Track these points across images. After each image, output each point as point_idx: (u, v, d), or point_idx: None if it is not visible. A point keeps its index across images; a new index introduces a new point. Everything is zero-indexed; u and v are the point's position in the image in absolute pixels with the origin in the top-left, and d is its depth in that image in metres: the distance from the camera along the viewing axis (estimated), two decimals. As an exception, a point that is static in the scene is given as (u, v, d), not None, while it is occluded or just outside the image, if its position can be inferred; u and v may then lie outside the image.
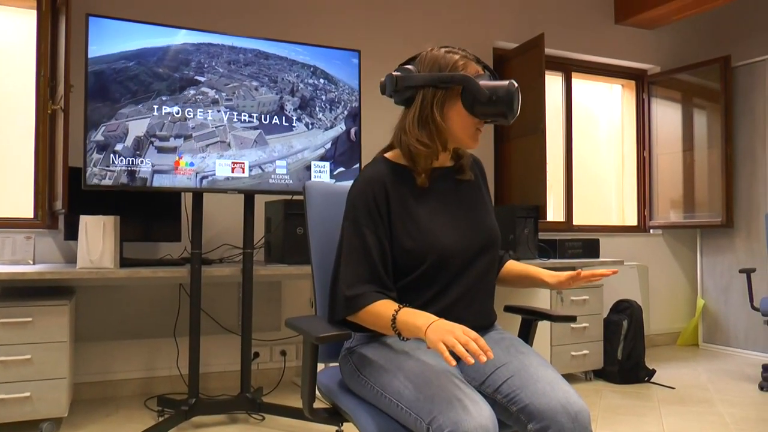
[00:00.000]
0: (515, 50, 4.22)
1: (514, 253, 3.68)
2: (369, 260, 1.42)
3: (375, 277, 1.42)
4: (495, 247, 1.57)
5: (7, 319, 2.55)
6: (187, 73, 2.68)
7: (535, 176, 3.98)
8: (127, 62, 2.43)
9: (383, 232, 1.45)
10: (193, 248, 2.79)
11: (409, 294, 1.47)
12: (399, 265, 1.48)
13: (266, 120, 2.85)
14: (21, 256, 2.97)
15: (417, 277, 1.46)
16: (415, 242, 1.45)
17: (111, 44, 2.53)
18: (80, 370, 3.21)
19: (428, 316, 1.29)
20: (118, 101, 2.49)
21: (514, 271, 1.68)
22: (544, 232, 4.37)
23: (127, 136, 2.55)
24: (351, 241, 1.44)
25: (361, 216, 1.45)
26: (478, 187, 1.64)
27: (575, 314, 3.54)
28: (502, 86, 1.43)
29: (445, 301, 1.47)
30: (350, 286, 1.41)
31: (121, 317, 3.30)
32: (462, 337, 1.18)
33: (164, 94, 2.60)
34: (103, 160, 2.53)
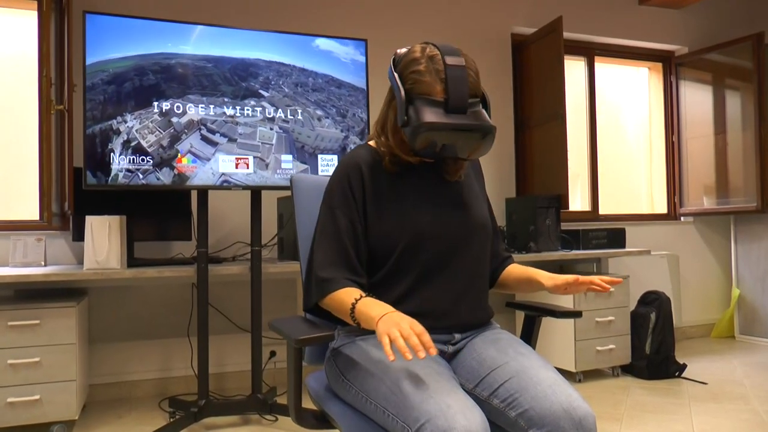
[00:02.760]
0: (533, 35, 4.07)
1: (535, 245, 3.55)
2: (341, 244, 1.38)
3: (345, 261, 1.37)
4: (483, 238, 1.47)
5: (15, 321, 2.54)
6: (253, 85, 2.74)
7: (556, 165, 3.83)
8: (206, 63, 2.64)
9: (357, 216, 1.40)
10: (199, 247, 2.74)
11: (386, 285, 1.40)
12: (376, 252, 1.41)
13: (315, 155, 2.83)
14: (32, 258, 2.96)
15: (393, 264, 1.39)
16: (389, 225, 1.38)
17: (191, 44, 2.65)
18: (95, 371, 3.20)
19: (385, 307, 1.23)
20: (190, 89, 2.62)
21: (514, 274, 1.57)
22: (568, 222, 4.22)
23: (180, 119, 2.61)
24: (324, 225, 1.41)
25: (335, 200, 1.42)
26: (470, 180, 1.55)
27: (600, 307, 3.47)
28: (416, 121, 1.29)
29: (425, 294, 1.38)
30: (320, 268, 1.37)
31: (135, 318, 3.28)
32: (405, 330, 1.11)
33: (228, 96, 2.70)
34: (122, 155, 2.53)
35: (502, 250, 1.63)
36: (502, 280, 1.60)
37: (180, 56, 2.62)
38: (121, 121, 2.47)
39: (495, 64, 4.16)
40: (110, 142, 2.49)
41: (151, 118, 2.54)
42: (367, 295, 1.30)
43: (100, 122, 2.44)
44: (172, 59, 2.58)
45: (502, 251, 1.63)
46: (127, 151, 2.53)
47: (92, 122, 2.44)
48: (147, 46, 2.55)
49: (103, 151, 2.48)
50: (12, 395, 2.53)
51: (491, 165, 4.11)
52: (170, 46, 2.59)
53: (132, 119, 2.50)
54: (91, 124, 2.46)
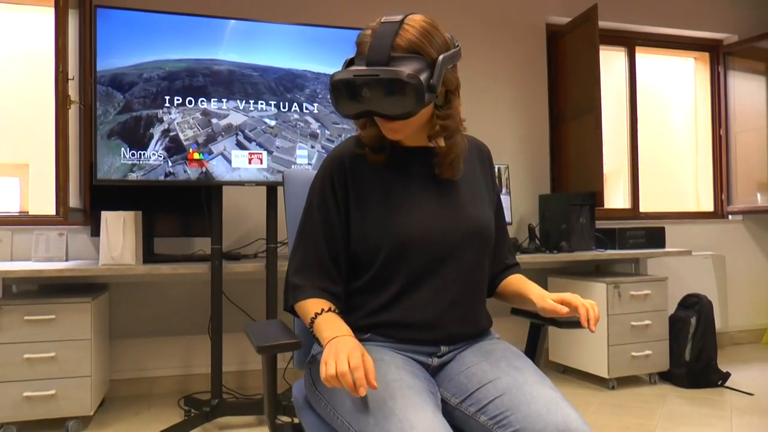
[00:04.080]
0: (568, 25, 3.89)
1: (567, 245, 3.38)
2: (317, 247, 1.29)
3: (320, 266, 1.28)
4: (481, 243, 1.33)
5: (31, 316, 2.55)
6: (299, 97, 2.74)
7: (591, 160, 3.65)
8: (252, 71, 2.69)
9: (336, 215, 1.30)
10: (213, 244, 2.70)
11: (368, 293, 1.29)
12: (358, 256, 1.30)
13: None
14: (54, 253, 2.97)
15: (376, 271, 1.27)
16: (372, 228, 1.27)
17: (238, 50, 2.70)
18: (115, 366, 3.20)
19: (336, 329, 1.14)
20: (234, 94, 2.68)
21: (512, 286, 1.43)
22: (607, 220, 4.03)
23: (220, 121, 2.66)
24: (303, 225, 1.32)
25: (315, 198, 1.32)
26: (473, 176, 1.40)
27: (635, 311, 3.28)
28: (332, 77, 1.19)
29: (410, 303, 1.26)
30: (294, 273, 1.29)
31: (156, 314, 3.27)
32: (341, 366, 1.02)
33: (271, 105, 2.73)
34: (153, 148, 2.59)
35: (506, 256, 1.49)
36: (501, 290, 1.46)
37: (228, 63, 2.68)
38: (166, 112, 2.59)
39: (529, 56, 4.00)
40: (152, 127, 2.59)
41: (193, 115, 2.63)
42: (329, 310, 1.21)
43: (149, 109, 2.57)
44: (222, 65, 2.67)
45: (505, 258, 1.48)
46: (164, 139, 2.60)
47: (142, 107, 2.56)
48: (198, 51, 2.63)
49: (144, 133, 2.58)
50: (28, 389, 2.54)
51: (524, 160, 3.95)
52: (221, 53, 2.67)
53: (176, 112, 2.60)
54: (140, 109, 2.56)
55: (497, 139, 3.90)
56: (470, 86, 3.85)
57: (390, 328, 1.27)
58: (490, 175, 1.46)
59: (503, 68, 3.94)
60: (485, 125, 3.88)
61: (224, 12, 3.31)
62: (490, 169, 1.47)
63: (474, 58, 3.87)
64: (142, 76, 2.54)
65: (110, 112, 2.52)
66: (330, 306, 1.23)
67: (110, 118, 2.52)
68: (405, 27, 1.20)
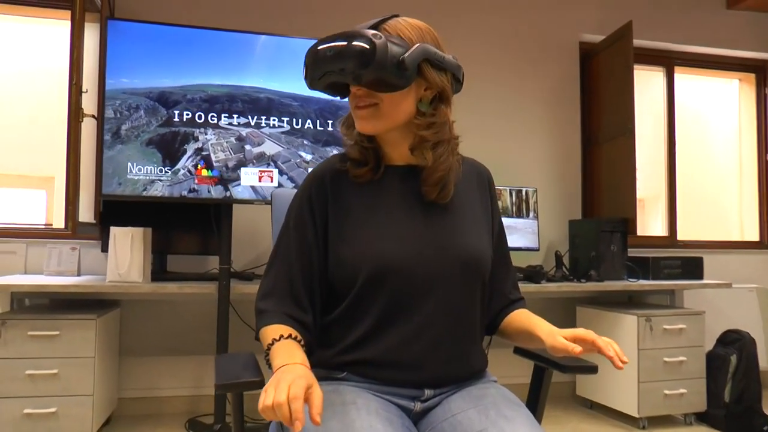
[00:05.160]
0: (602, 43, 3.73)
1: (596, 273, 3.19)
2: (289, 271, 1.18)
3: (290, 291, 1.17)
4: (473, 275, 1.19)
5: (35, 331, 2.50)
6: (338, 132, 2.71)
7: (623, 185, 3.47)
8: (293, 101, 2.72)
9: (314, 237, 1.19)
10: (222, 263, 2.62)
11: (344, 325, 1.17)
12: (335, 284, 1.18)
13: None
14: (66, 267, 2.94)
15: (351, 302, 1.15)
16: (349, 252, 1.15)
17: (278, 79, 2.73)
18: (124, 384, 3.14)
19: (291, 356, 1.01)
20: (271, 123, 2.70)
21: (516, 322, 1.28)
22: (641, 248, 3.82)
23: (253, 149, 2.68)
24: (277, 247, 1.22)
25: (292, 218, 1.22)
26: (468, 200, 1.27)
27: (668, 346, 3.07)
28: None
29: (389, 340, 1.13)
30: (261, 297, 1.19)
31: (167, 332, 3.20)
32: (277, 397, 0.88)
33: (308, 138, 2.74)
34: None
35: (510, 290, 1.34)
36: (504, 327, 1.31)
37: (269, 91, 2.70)
38: (202, 132, 2.64)
39: (561, 75, 3.85)
40: (186, 144, 2.62)
41: (228, 139, 2.65)
42: (288, 337, 1.09)
43: (187, 126, 2.62)
44: (262, 93, 2.69)
45: (509, 292, 1.34)
46: (196, 157, 2.62)
47: (181, 124, 2.62)
48: (238, 77, 2.68)
49: (179, 148, 2.62)
50: (29, 406, 2.49)
51: (554, 183, 3.79)
52: (261, 81, 2.68)
53: (212, 134, 2.64)
54: (179, 125, 2.61)
55: (526, 161, 3.75)
56: (499, 106, 3.72)
57: (367, 367, 1.14)
58: (490, 200, 1.33)
59: (534, 87, 3.80)
60: (513, 146, 3.74)
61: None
62: (491, 193, 1.34)
63: (503, 78, 3.75)
64: (186, 96, 2.63)
65: (152, 123, 2.58)
66: (291, 333, 1.11)
67: (152, 128, 2.58)
68: (397, 18, 1.17)
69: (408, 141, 1.21)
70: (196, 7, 3.30)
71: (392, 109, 1.15)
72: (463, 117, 3.94)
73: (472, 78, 3.69)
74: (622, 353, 1.05)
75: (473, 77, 3.68)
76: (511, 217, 3.43)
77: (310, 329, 1.17)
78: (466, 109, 3.64)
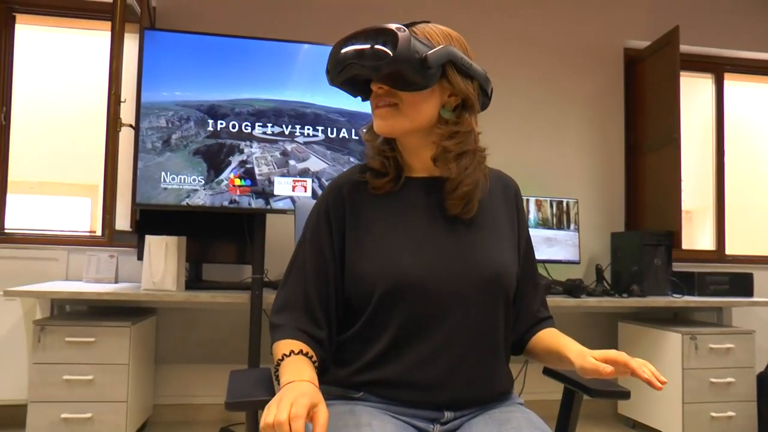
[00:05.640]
0: (647, 49, 3.62)
1: (638, 288, 3.08)
2: (303, 283, 1.15)
3: (305, 306, 1.14)
4: (496, 293, 1.14)
5: (72, 338, 2.55)
6: None
7: (668, 197, 3.34)
8: (339, 116, 2.73)
9: (330, 251, 1.16)
10: (254, 273, 2.62)
11: (360, 343, 1.13)
12: (352, 300, 1.14)
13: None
14: (104, 274, 3.00)
15: (368, 319, 1.11)
16: (367, 267, 1.11)
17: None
18: (160, 391, 3.17)
19: (299, 372, 0.98)
20: (318, 138, 2.72)
21: (545, 342, 1.22)
22: (688, 262, 3.67)
23: (298, 165, 2.70)
24: (293, 260, 1.20)
25: (309, 231, 1.19)
26: (494, 214, 1.22)
27: (715, 366, 2.93)
28: None
29: (408, 359, 1.09)
30: (276, 312, 1.17)
31: (202, 340, 3.23)
32: (279, 415, 0.85)
33: (355, 155, 2.75)
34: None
35: (538, 309, 1.28)
36: (532, 347, 1.25)
37: (315, 106, 2.71)
38: (248, 145, 2.67)
39: (604, 82, 3.75)
40: (232, 156, 2.65)
41: (273, 153, 2.67)
42: (299, 352, 1.06)
43: (234, 139, 2.65)
44: (308, 108, 2.71)
45: (537, 311, 1.27)
46: (240, 169, 2.65)
47: (227, 137, 2.66)
48: (285, 91, 2.69)
49: (224, 159, 2.65)
50: (66, 411, 2.53)
51: (596, 194, 3.68)
52: (308, 96, 2.71)
53: (257, 147, 2.67)
54: (225, 138, 2.65)
55: (567, 171, 3.66)
56: (539, 114, 3.64)
57: (384, 387, 1.11)
58: (517, 214, 1.27)
59: (576, 95, 3.71)
60: (554, 156, 3.65)
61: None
62: (517, 207, 1.28)
63: (544, 85, 3.67)
64: (234, 110, 2.67)
65: (201, 134, 2.63)
66: (302, 348, 1.08)
67: (200, 139, 2.63)
68: (428, 24, 1.16)
69: (430, 150, 1.17)
70: (236, 17, 3.33)
71: (412, 110, 1.12)
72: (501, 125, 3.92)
73: (513, 85, 3.64)
74: (658, 373, 0.98)
75: (513, 84, 3.62)
76: (552, 228, 3.34)
77: (325, 345, 1.14)
78: (505, 116, 3.57)
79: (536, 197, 3.34)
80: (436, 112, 1.14)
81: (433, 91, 1.12)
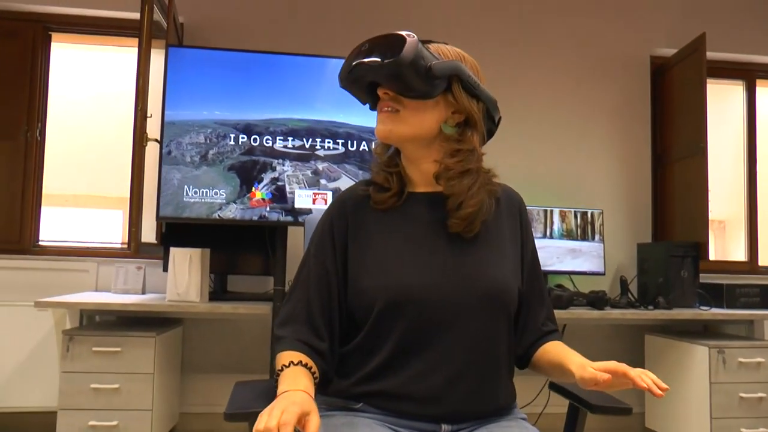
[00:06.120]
0: (674, 57, 3.57)
1: (664, 300, 3.02)
2: (306, 296, 1.18)
3: (308, 318, 1.16)
4: (496, 308, 1.15)
5: (99, 347, 2.62)
6: None
7: (695, 207, 3.28)
8: (372, 136, 2.77)
9: (333, 264, 1.18)
10: (276, 284, 2.66)
11: (361, 356, 1.15)
12: (354, 313, 1.17)
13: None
14: (131, 285, 3.08)
15: (368, 331, 1.14)
16: (368, 281, 1.14)
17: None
18: (186, 400, 3.23)
19: (295, 382, 1.00)
20: (349, 159, 2.80)
21: (549, 355, 1.21)
22: (718, 274, 3.59)
23: (329, 184, 2.78)
24: (298, 274, 1.22)
25: (313, 245, 1.22)
26: (497, 229, 1.23)
27: (744, 380, 2.85)
28: None
29: (407, 371, 1.11)
30: (279, 325, 1.19)
31: (227, 351, 3.28)
32: (268, 423, 0.87)
33: None
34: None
35: (543, 322, 1.27)
36: (536, 360, 1.25)
37: (348, 126, 2.77)
38: (280, 163, 2.77)
39: (631, 91, 3.70)
40: (264, 173, 2.75)
41: (304, 172, 2.76)
42: (298, 363, 1.08)
43: (267, 156, 2.76)
44: (341, 128, 2.78)
45: (542, 324, 1.27)
46: (271, 186, 2.74)
47: (261, 154, 2.76)
48: (319, 111, 2.78)
49: (256, 176, 2.76)
50: (93, 419, 2.60)
51: (622, 205, 3.63)
52: (341, 116, 2.77)
53: (289, 165, 2.77)
54: (259, 155, 2.76)
55: (592, 182, 3.62)
56: (564, 123, 3.62)
57: (383, 399, 1.13)
58: (520, 228, 1.27)
59: (602, 104, 3.67)
60: (579, 166, 3.62)
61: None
62: (521, 221, 1.28)
63: (569, 94, 3.64)
64: (269, 129, 2.77)
65: (236, 151, 2.73)
66: (302, 359, 1.10)
67: (235, 156, 2.73)
68: (444, 44, 1.20)
69: (432, 166, 1.19)
70: (264, 31, 3.40)
71: (412, 118, 1.15)
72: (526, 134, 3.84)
73: (536, 94, 3.63)
74: (659, 381, 0.98)
75: (539, 93, 3.61)
76: (576, 239, 3.31)
77: (326, 357, 1.16)
78: (530, 126, 3.56)
79: (560, 208, 3.32)
80: (438, 125, 1.16)
81: (437, 103, 1.15)
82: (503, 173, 1.28)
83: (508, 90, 3.55)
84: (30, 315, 3.03)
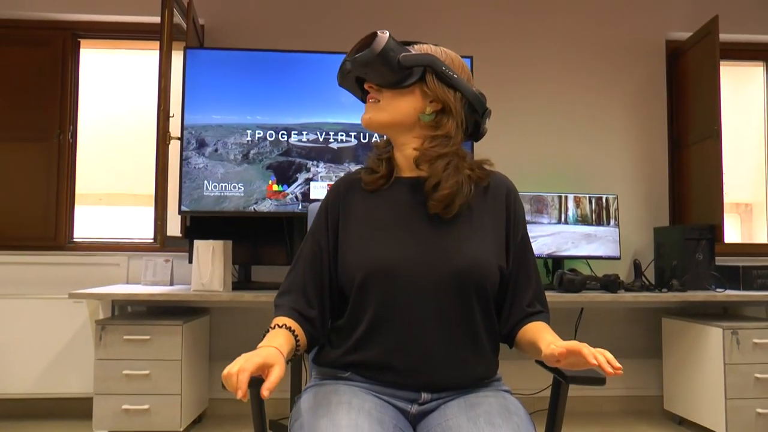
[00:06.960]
0: (689, 40, 3.56)
1: (678, 283, 3.04)
2: (302, 271, 1.29)
3: (302, 290, 1.27)
4: (474, 283, 1.21)
5: (130, 336, 2.77)
6: None
7: (710, 190, 3.28)
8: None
9: (326, 242, 1.30)
10: (292, 274, 2.77)
11: (348, 328, 1.26)
12: (343, 287, 1.28)
13: None
14: (160, 277, 3.23)
15: (353, 304, 1.24)
16: (350, 256, 1.25)
17: None
18: (215, 386, 3.37)
19: (269, 340, 1.13)
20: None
21: (528, 335, 1.26)
22: (737, 257, 3.58)
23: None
24: (300, 250, 1.34)
25: (313, 225, 1.35)
26: (479, 211, 1.29)
27: (760, 361, 2.86)
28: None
29: (388, 343, 1.20)
30: (278, 295, 1.31)
31: (253, 338, 3.35)
32: (230, 368, 0.99)
33: None
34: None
35: (529, 303, 1.32)
36: (518, 339, 1.31)
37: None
38: (314, 164, 2.98)
39: (646, 75, 3.70)
40: (299, 173, 2.96)
41: (337, 173, 2.92)
42: (283, 326, 1.18)
43: (302, 158, 2.98)
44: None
45: (528, 305, 1.32)
46: (305, 185, 2.95)
47: (297, 155, 2.98)
48: (353, 114, 2.97)
49: (291, 175, 2.96)
50: (126, 403, 2.76)
51: (638, 189, 3.64)
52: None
53: (323, 167, 2.97)
54: (295, 156, 2.98)
55: (608, 167, 3.64)
56: (578, 109, 3.65)
57: (367, 369, 1.23)
58: (507, 213, 1.32)
59: (616, 88, 3.69)
60: (594, 151, 3.64)
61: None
62: (507, 203, 1.32)
63: (583, 79, 3.67)
64: (303, 132, 2.97)
65: (275, 151, 2.94)
66: (287, 323, 1.20)
67: (273, 156, 2.93)
68: (437, 45, 1.32)
69: (415, 153, 1.28)
70: (284, 29, 3.51)
71: (389, 106, 1.26)
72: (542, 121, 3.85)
73: (552, 81, 3.66)
74: (613, 360, 1.01)
75: (552, 80, 3.64)
76: (591, 225, 3.35)
77: (315, 323, 1.26)
78: (545, 113, 3.60)
79: (575, 194, 3.35)
80: (415, 112, 1.26)
81: (412, 92, 1.25)
82: (520, 160, 1.35)
83: (523, 77, 3.60)
84: (66, 307, 3.21)
